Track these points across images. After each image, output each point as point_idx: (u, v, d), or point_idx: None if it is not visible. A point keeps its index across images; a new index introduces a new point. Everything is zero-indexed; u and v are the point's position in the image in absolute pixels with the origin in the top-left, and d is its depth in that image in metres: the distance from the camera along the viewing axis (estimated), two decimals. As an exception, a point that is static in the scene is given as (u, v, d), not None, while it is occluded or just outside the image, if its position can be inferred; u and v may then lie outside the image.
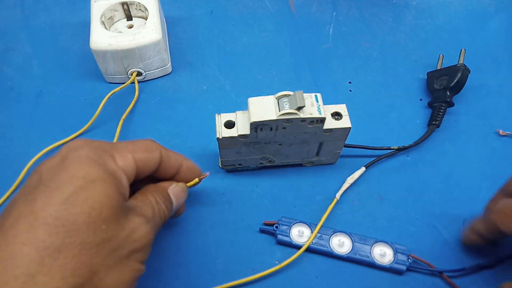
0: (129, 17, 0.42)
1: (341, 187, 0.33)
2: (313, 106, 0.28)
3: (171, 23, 0.46)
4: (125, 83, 0.38)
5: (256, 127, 0.28)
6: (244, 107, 0.29)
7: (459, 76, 0.37)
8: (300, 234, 0.30)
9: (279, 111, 0.27)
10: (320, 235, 0.30)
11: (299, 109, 0.27)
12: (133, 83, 0.40)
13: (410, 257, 0.29)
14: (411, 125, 0.38)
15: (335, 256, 0.30)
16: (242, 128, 0.29)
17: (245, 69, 0.42)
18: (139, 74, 0.40)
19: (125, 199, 0.22)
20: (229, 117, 0.29)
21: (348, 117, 0.30)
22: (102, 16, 0.39)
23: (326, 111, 0.29)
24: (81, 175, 0.20)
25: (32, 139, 0.37)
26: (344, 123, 0.29)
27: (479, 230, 0.29)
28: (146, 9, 0.40)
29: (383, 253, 0.30)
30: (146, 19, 0.40)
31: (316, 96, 0.28)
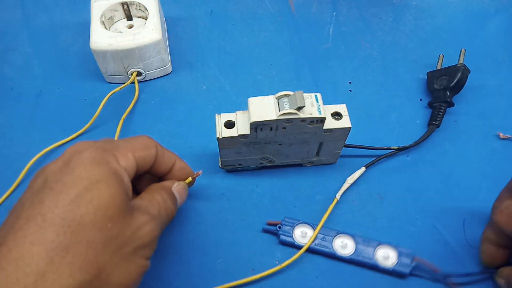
0: (129, 17, 0.42)
1: (341, 187, 0.33)
2: (313, 106, 0.28)
3: (171, 23, 0.46)
4: (125, 83, 0.39)
5: (256, 127, 0.28)
6: (244, 107, 0.29)
7: (459, 76, 0.37)
8: (303, 235, 0.30)
9: (279, 111, 0.27)
10: (323, 236, 0.30)
11: (299, 109, 0.27)
12: (133, 83, 0.40)
13: (414, 260, 0.29)
14: (411, 125, 0.38)
15: (337, 257, 0.30)
16: (242, 128, 0.29)
17: (245, 69, 0.42)
18: (139, 74, 0.40)
19: (128, 197, 0.22)
20: (229, 117, 0.29)
21: (348, 117, 0.30)
22: (102, 16, 0.39)
23: (326, 111, 0.29)
24: (86, 177, 0.21)
25: (32, 139, 0.37)
26: (344, 123, 0.29)
27: (491, 237, 0.27)
28: (146, 9, 0.40)
29: (386, 256, 0.29)
30: (146, 19, 0.40)
31: (316, 96, 0.28)
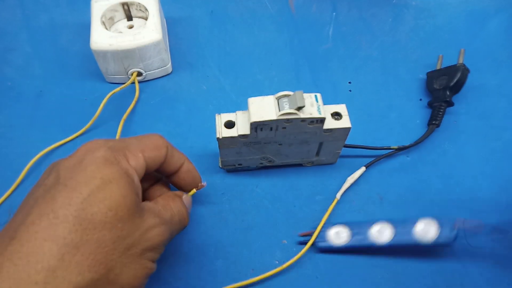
0: (130, 18, 0.42)
1: (341, 187, 0.33)
2: (313, 106, 0.28)
3: (171, 23, 0.46)
4: (125, 83, 0.39)
5: (256, 127, 0.28)
6: (244, 107, 0.29)
7: (458, 76, 0.37)
8: (338, 236, 0.30)
9: (279, 111, 0.27)
10: (357, 230, 0.30)
11: (299, 109, 0.27)
12: (133, 83, 0.40)
13: (455, 226, 0.27)
14: (411, 125, 0.38)
15: (377, 247, 0.29)
16: (242, 128, 0.29)
17: (245, 69, 0.42)
18: (139, 74, 0.40)
19: (139, 198, 0.23)
20: (229, 117, 0.29)
21: (348, 117, 0.30)
22: (102, 16, 0.39)
23: (326, 111, 0.29)
24: (98, 176, 0.21)
25: (32, 139, 0.37)
26: (344, 123, 0.29)
27: None
28: (146, 10, 0.40)
29: (426, 230, 0.28)
30: (146, 20, 0.40)
31: (316, 96, 0.28)
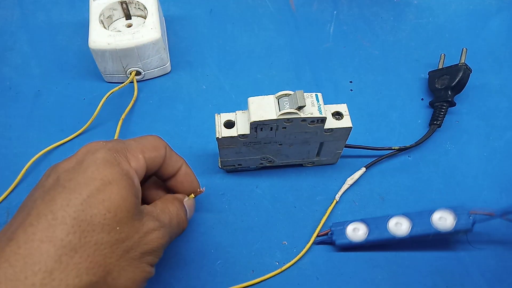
0: (128, 16, 0.42)
1: (340, 188, 0.33)
2: (314, 105, 0.27)
3: (170, 22, 0.46)
4: (124, 83, 0.38)
5: (256, 127, 0.28)
6: (244, 106, 0.29)
7: (460, 75, 0.37)
8: (356, 232, 0.30)
9: (279, 110, 0.27)
10: (374, 225, 0.30)
11: (300, 108, 0.27)
12: (132, 82, 0.39)
13: (471, 214, 0.28)
14: (412, 125, 0.38)
15: (397, 240, 0.29)
16: (242, 128, 0.28)
17: (245, 69, 0.42)
18: (138, 73, 0.40)
19: (138, 200, 0.22)
20: (229, 116, 0.29)
21: (349, 116, 0.29)
22: (101, 15, 0.39)
23: (326, 111, 0.29)
24: (99, 177, 0.21)
25: (30, 139, 0.36)
26: (345, 123, 0.29)
27: None
28: (145, 8, 0.40)
29: (443, 220, 0.28)
30: (145, 18, 0.40)
31: (316, 95, 0.28)
